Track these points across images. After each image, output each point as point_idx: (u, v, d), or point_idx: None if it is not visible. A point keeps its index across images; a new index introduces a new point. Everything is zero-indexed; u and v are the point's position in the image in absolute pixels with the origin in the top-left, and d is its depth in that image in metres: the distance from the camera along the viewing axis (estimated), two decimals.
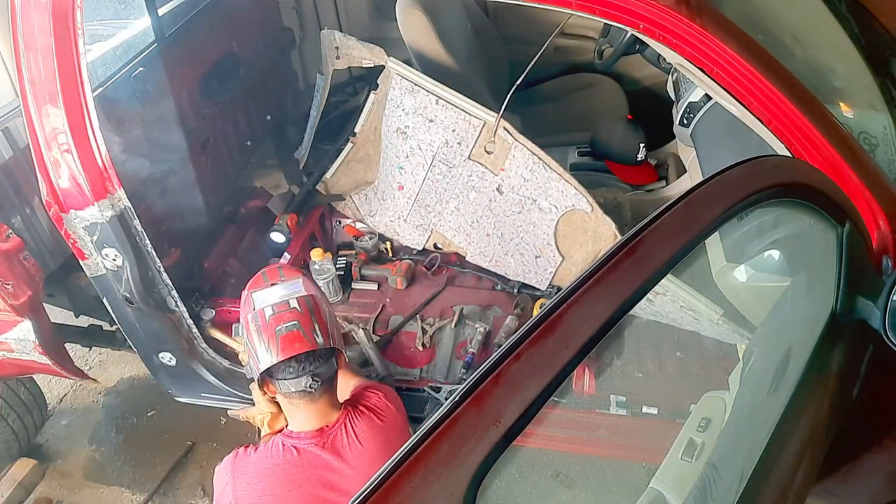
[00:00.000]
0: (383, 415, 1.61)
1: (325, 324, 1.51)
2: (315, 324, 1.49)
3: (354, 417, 1.57)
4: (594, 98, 3.04)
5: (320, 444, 1.53)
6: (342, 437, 1.54)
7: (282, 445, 1.54)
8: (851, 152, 1.36)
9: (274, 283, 1.58)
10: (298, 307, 1.50)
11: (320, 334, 1.48)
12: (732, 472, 1.08)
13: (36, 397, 2.64)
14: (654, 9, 1.36)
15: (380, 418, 1.60)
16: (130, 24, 2.75)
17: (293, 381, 1.47)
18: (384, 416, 1.61)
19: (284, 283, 1.57)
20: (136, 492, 2.60)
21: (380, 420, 1.59)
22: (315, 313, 1.51)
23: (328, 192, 2.57)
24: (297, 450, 1.53)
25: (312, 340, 1.47)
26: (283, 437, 1.56)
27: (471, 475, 0.66)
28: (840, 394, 1.24)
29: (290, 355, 1.45)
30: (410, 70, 2.25)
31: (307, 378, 1.46)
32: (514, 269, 2.33)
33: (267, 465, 1.53)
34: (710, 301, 1.70)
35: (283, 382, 1.48)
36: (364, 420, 1.58)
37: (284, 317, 1.48)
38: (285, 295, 1.53)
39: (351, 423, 1.56)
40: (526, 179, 2.15)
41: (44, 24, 1.58)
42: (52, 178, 1.73)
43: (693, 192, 0.95)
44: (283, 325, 1.46)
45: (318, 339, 1.48)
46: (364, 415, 1.59)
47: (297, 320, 1.48)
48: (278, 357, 1.44)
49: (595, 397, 1.96)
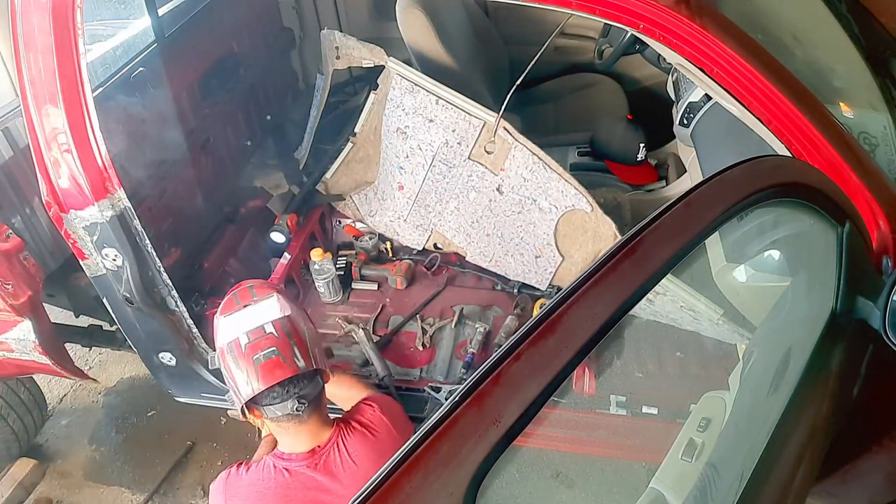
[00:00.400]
0: (377, 430, 1.57)
1: (305, 345, 1.45)
2: (294, 347, 1.43)
3: (347, 434, 1.53)
4: (594, 98, 3.04)
5: (312, 466, 1.49)
6: (335, 457, 1.51)
7: (273, 467, 1.50)
8: (851, 152, 1.36)
9: (247, 305, 1.50)
10: (275, 332, 1.44)
11: (301, 357, 1.43)
12: (732, 472, 1.08)
13: (36, 397, 2.64)
14: (654, 9, 1.36)
15: (373, 434, 1.56)
16: (130, 24, 2.75)
17: (279, 406, 1.43)
18: (377, 431, 1.56)
19: (257, 305, 1.50)
20: (136, 492, 2.60)
21: (373, 435, 1.55)
22: (293, 336, 1.45)
23: (328, 192, 2.57)
24: (289, 472, 1.49)
25: (293, 365, 1.42)
26: (274, 458, 1.52)
27: (471, 475, 0.66)
28: (840, 394, 1.24)
29: (271, 384, 1.40)
30: (410, 70, 2.25)
31: (293, 401, 1.42)
32: (514, 269, 2.33)
33: (259, 487, 1.49)
34: (710, 301, 1.70)
35: (268, 408, 1.43)
36: (357, 437, 1.54)
37: (261, 344, 1.42)
38: (259, 320, 1.46)
39: (343, 442, 1.52)
40: (526, 179, 2.15)
41: (44, 24, 1.58)
42: (52, 178, 1.73)
43: (693, 192, 0.95)
44: (260, 354, 1.41)
45: (300, 362, 1.42)
46: (356, 431, 1.55)
47: (275, 346, 1.42)
48: (260, 386, 1.40)
49: (595, 397, 1.96)
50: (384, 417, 1.60)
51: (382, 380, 2.02)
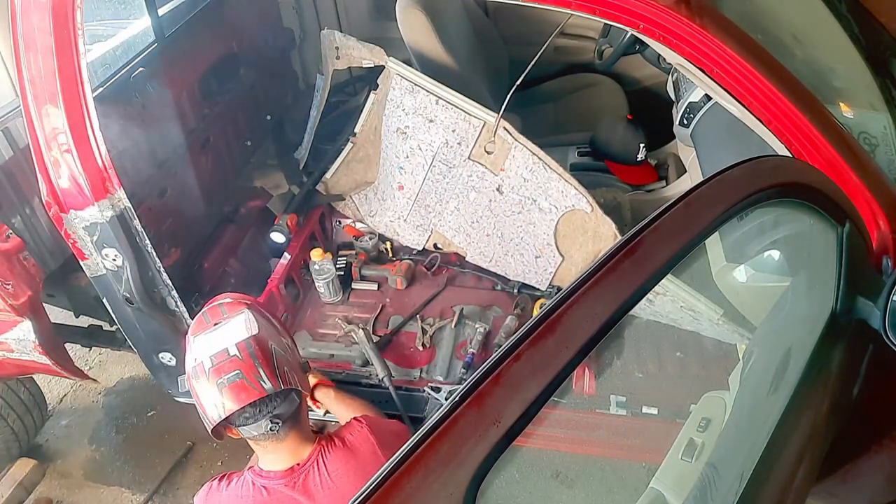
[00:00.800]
0: (360, 449, 1.52)
1: (272, 365, 1.40)
2: (259, 369, 1.38)
3: (328, 452, 1.50)
4: (594, 98, 3.04)
5: (290, 485, 1.46)
6: (314, 476, 1.47)
7: (252, 484, 1.48)
8: (851, 152, 1.36)
9: (217, 323, 1.47)
10: (239, 354, 1.39)
11: (267, 379, 1.38)
12: (732, 472, 1.08)
13: (36, 397, 2.65)
14: (654, 9, 1.36)
15: (355, 453, 1.51)
16: (130, 24, 2.75)
17: (253, 427, 1.40)
18: (360, 450, 1.52)
19: (226, 324, 1.46)
20: (136, 492, 2.60)
21: (355, 455, 1.51)
22: (258, 357, 1.39)
23: (328, 193, 2.57)
24: (267, 490, 1.47)
25: (259, 388, 1.37)
26: (253, 475, 1.49)
27: (471, 475, 0.66)
28: (840, 394, 1.24)
29: (237, 408, 1.36)
30: (410, 70, 2.25)
31: (266, 421, 1.39)
32: (514, 269, 2.33)
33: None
34: (710, 301, 1.70)
35: (243, 429, 1.41)
36: (338, 455, 1.50)
37: (225, 367, 1.37)
38: (225, 342, 1.41)
39: (323, 460, 1.49)
40: (526, 179, 2.15)
41: (44, 24, 1.58)
42: (52, 178, 1.73)
43: (693, 192, 0.95)
44: (224, 378, 1.37)
45: (265, 383, 1.37)
46: (339, 449, 1.51)
47: (239, 369, 1.37)
48: (226, 411, 1.37)
49: (595, 397, 1.96)
50: (371, 437, 1.54)
51: (382, 380, 2.02)
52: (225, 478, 1.54)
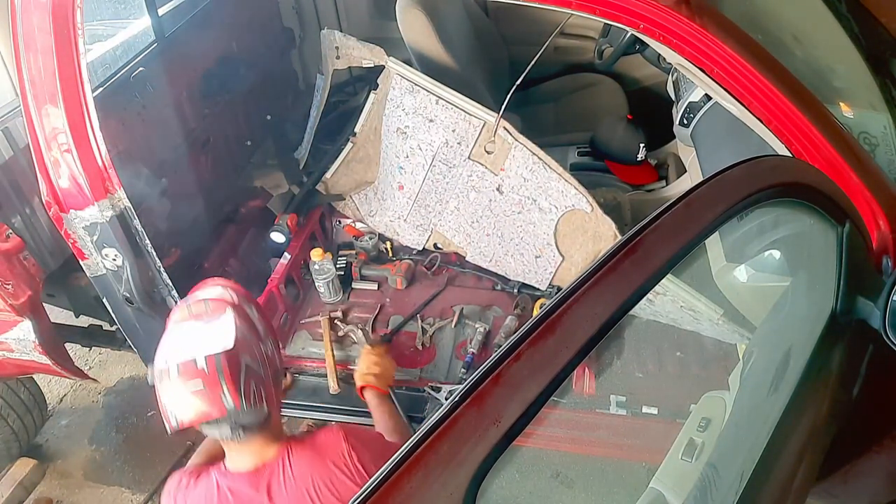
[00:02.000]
0: (329, 452, 1.47)
1: (237, 383, 1.33)
2: (224, 385, 1.31)
3: (293, 453, 1.46)
4: (594, 98, 3.04)
5: (255, 486, 1.43)
6: (278, 477, 1.44)
7: (217, 486, 1.45)
8: (851, 152, 1.36)
9: (198, 319, 1.40)
10: (206, 367, 1.32)
11: (230, 397, 1.31)
12: (732, 472, 1.08)
13: (36, 397, 2.64)
14: (654, 9, 1.36)
15: (323, 456, 1.46)
16: (130, 24, 2.75)
17: (215, 430, 1.37)
18: (329, 453, 1.47)
19: (205, 326, 1.39)
20: (136, 492, 2.60)
21: (321, 458, 1.46)
22: (224, 374, 1.31)
23: (328, 192, 2.57)
24: (232, 492, 1.44)
25: (219, 406, 1.31)
26: (218, 474, 1.47)
27: (471, 475, 0.66)
28: (840, 394, 1.24)
29: (195, 422, 1.33)
30: (410, 70, 2.25)
31: (227, 430, 1.36)
32: (514, 269, 2.33)
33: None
34: (710, 301, 1.70)
35: (205, 429, 1.38)
36: (304, 456, 1.46)
37: (190, 377, 1.32)
38: (195, 351, 1.34)
39: (289, 460, 1.45)
40: (526, 179, 2.15)
41: (44, 24, 1.58)
42: (52, 178, 1.73)
43: (693, 192, 0.95)
44: (187, 388, 1.31)
45: (227, 402, 1.31)
46: (306, 450, 1.47)
47: (204, 384, 1.31)
48: (181, 424, 1.33)
49: (595, 397, 1.96)
50: (343, 442, 1.49)
51: None
52: (194, 474, 1.51)
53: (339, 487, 1.42)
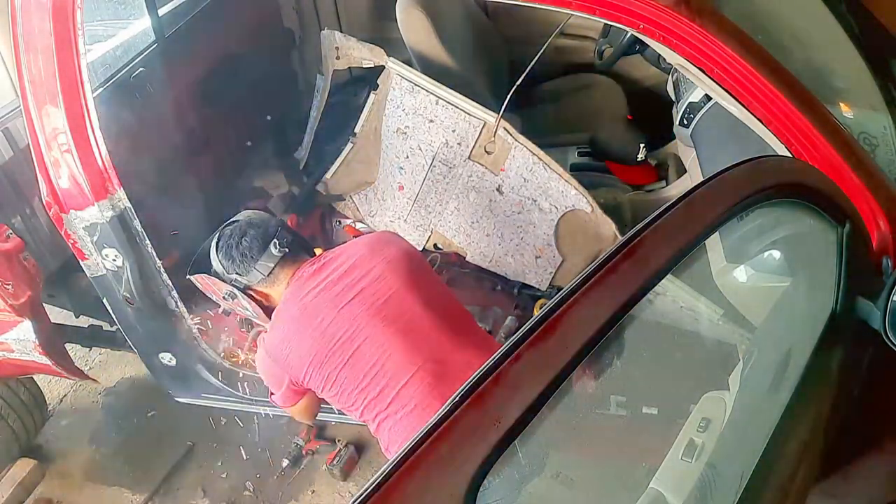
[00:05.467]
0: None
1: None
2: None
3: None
4: (594, 98, 3.04)
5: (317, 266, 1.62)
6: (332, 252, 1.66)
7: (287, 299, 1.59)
8: (851, 152, 1.36)
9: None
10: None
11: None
12: (732, 472, 1.08)
13: (36, 397, 2.64)
14: (654, 9, 1.36)
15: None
16: (130, 24, 2.75)
17: (262, 263, 1.60)
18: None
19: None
20: (136, 492, 2.60)
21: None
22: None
23: (328, 193, 2.57)
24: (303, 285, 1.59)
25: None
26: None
27: (471, 475, 0.66)
28: (840, 394, 1.24)
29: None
30: (410, 70, 2.25)
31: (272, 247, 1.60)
32: (514, 270, 2.33)
33: (288, 315, 1.57)
34: (710, 301, 1.70)
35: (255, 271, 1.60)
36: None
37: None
38: None
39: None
40: (526, 180, 2.15)
41: (44, 24, 1.58)
42: (53, 179, 1.73)
43: (693, 192, 0.95)
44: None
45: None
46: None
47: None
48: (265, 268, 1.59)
49: (595, 397, 1.95)
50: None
51: None
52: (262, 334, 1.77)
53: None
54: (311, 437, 2.56)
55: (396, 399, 1.42)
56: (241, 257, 1.60)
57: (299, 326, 1.52)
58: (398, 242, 1.67)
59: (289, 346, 1.52)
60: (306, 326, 1.50)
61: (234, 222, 1.67)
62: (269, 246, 1.59)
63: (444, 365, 1.43)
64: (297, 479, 2.53)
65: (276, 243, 1.59)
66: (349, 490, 2.45)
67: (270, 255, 1.59)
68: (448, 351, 1.45)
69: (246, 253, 1.60)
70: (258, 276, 1.61)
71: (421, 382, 1.41)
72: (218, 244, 1.65)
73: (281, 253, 1.59)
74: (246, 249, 1.60)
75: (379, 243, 1.65)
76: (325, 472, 2.50)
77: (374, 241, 1.67)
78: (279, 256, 1.60)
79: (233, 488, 2.53)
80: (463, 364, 1.43)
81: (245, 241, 1.60)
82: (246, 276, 1.62)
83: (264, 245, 1.59)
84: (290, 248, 1.61)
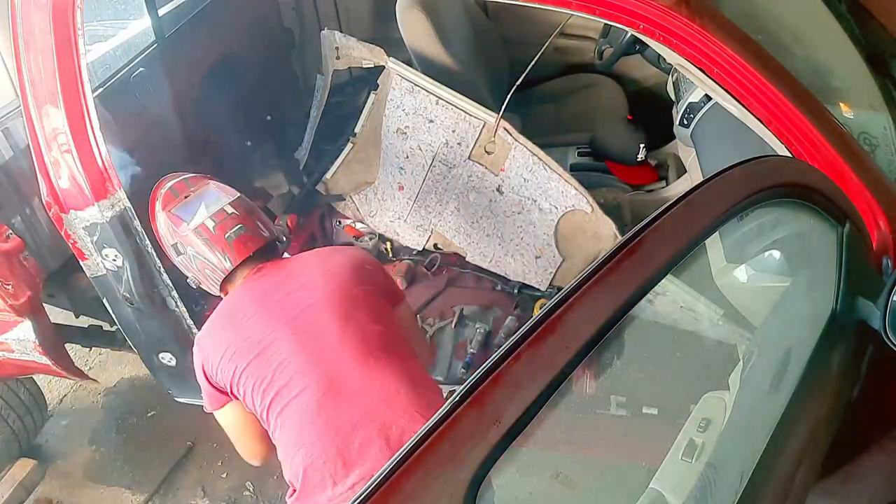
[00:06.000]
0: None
1: (262, 217, 1.66)
2: (256, 221, 1.62)
3: None
4: (594, 98, 3.04)
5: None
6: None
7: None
8: (851, 152, 1.36)
9: (188, 196, 1.62)
10: (236, 211, 1.60)
11: (263, 227, 1.63)
12: (732, 472, 1.08)
13: (36, 397, 2.64)
14: (654, 9, 1.36)
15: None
16: (130, 24, 2.75)
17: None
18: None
19: (203, 193, 1.63)
20: (136, 492, 2.60)
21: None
22: (252, 212, 1.63)
23: (328, 193, 2.57)
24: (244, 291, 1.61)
25: (261, 236, 1.61)
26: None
27: (471, 475, 0.66)
28: (840, 394, 1.24)
29: (245, 256, 1.57)
30: (410, 70, 2.25)
31: (277, 253, 1.68)
32: (514, 270, 2.33)
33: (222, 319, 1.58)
34: (710, 301, 1.70)
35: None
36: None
37: (227, 224, 1.57)
38: (217, 204, 1.60)
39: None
40: (526, 180, 2.15)
41: (44, 24, 1.58)
42: (52, 179, 1.73)
43: (693, 192, 0.95)
44: (231, 231, 1.56)
45: (264, 232, 1.62)
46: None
47: (241, 223, 1.59)
48: (235, 261, 1.56)
49: (595, 397, 1.95)
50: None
51: None
52: None
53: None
54: None
55: (287, 407, 1.41)
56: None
57: (224, 319, 1.55)
58: (350, 254, 1.69)
59: (210, 335, 1.55)
60: (229, 320, 1.53)
61: None
62: None
63: (339, 383, 1.40)
64: None
65: None
66: None
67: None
68: (349, 370, 1.42)
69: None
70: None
71: (311, 396, 1.39)
72: None
73: None
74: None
75: (328, 253, 1.73)
76: None
77: (326, 252, 1.74)
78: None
79: (233, 488, 2.53)
80: (362, 386, 1.40)
81: None
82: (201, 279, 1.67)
83: None
84: (253, 255, 1.61)
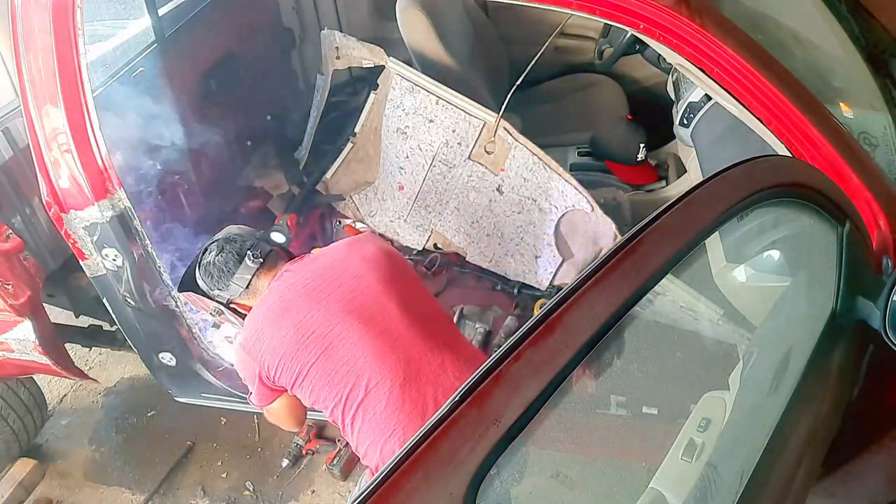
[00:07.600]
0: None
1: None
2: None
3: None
4: (594, 98, 3.04)
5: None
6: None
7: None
8: (851, 152, 1.36)
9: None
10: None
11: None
12: (732, 472, 1.08)
13: (36, 397, 2.64)
14: (654, 9, 1.36)
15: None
16: (130, 24, 2.75)
17: (239, 276, 1.60)
18: None
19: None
20: (136, 492, 2.60)
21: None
22: None
23: (328, 193, 2.57)
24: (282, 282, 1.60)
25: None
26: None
27: (471, 475, 0.66)
28: (840, 394, 1.24)
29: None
30: (410, 70, 2.25)
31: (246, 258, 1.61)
32: (514, 270, 2.33)
33: (262, 312, 1.57)
34: (710, 301, 1.70)
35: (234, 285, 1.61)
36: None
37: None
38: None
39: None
40: (526, 179, 2.15)
41: (44, 24, 1.58)
42: (52, 178, 1.73)
43: (693, 192, 0.95)
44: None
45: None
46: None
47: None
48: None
49: (595, 397, 1.95)
50: None
51: None
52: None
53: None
54: (311, 436, 2.56)
55: (367, 398, 1.42)
56: (218, 273, 1.62)
57: (273, 319, 1.53)
58: (377, 242, 1.70)
59: (262, 339, 1.52)
60: (280, 319, 1.51)
61: (215, 240, 1.68)
62: (244, 259, 1.60)
63: (416, 366, 1.43)
64: (297, 479, 2.53)
65: (250, 255, 1.60)
66: (349, 490, 2.45)
67: (246, 268, 1.60)
68: (421, 352, 1.45)
69: (222, 268, 1.61)
70: (237, 290, 1.62)
71: (392, 383, 1.41)
72: (199, 262, 1.67)
73: (256, 264, 1.60)
74: (222, 265, 1.61)
75: (358, 243, 1.69)
76: (324, 471, 2.50)
77: (354, 241, 1.71)
78: (254, 268, 1.61)
79: (233, 488, 2.53)
80: (436, 367, 1.43)
81: (221, 257, 1.62)
82: (227, 291, 1.63)
83: (239, 258, 1.61)
84: (266, 259, 1.62)
